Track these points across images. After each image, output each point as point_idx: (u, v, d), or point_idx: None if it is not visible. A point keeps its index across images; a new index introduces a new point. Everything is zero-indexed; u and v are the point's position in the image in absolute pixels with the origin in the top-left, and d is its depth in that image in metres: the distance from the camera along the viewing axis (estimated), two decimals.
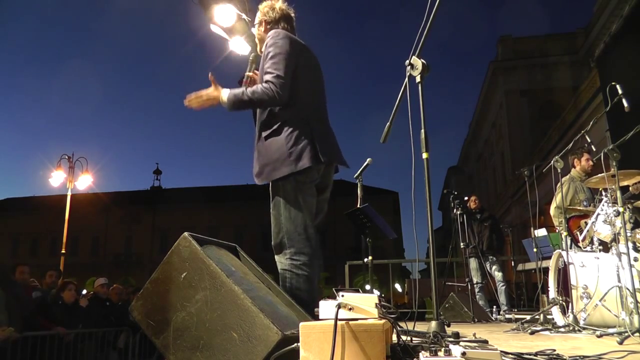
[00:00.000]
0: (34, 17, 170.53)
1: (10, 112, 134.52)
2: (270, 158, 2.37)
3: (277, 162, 2.34)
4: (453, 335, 1.75)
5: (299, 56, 2.47)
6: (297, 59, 2.45)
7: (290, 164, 2.32)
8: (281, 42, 2.41)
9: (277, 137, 2.38)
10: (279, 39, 2.42)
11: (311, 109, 2.49)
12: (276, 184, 2.39)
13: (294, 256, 2.34)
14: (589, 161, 5.04)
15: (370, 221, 3.87)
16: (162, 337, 1.80)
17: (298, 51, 2.47)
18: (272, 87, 2.31)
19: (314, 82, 2.58)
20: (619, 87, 3.63)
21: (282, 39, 2.42)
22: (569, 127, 15.54)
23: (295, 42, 2.50)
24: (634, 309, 2.61)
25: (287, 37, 2.45)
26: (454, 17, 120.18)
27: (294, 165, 2.32)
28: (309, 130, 2.39)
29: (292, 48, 2.43)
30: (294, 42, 2.48)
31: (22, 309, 4.91)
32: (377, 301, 1.54)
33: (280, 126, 2.39)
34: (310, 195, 2.43)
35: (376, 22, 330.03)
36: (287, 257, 2.35)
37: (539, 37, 24.62)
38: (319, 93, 2.62)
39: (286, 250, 2.36)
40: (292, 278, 2.33)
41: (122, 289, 7.52)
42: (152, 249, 35.66)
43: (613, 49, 7.40)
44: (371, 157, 4.14)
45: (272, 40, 2.43)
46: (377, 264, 5.68)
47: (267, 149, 2.39)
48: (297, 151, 2.33)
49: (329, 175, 2.59)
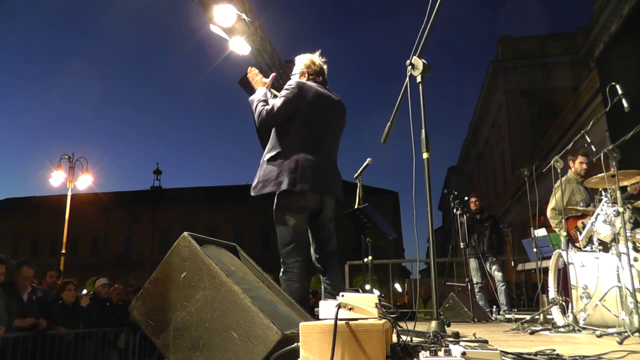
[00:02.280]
0: (34, 17, 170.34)
1: (10, 112, 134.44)
2: (262, 178, 2.88)
3: (266, 182, 2.86)
4: (453, 335, 1.75)
5: (305, 100, 2.92)
6: (303, 104, 2.91)
7: (274, 185, 2.82)
8: (291, 90, 2.93)
9: (273, 162, 2.88)
10: (291, 88, 2.94)
11: (308, 146, 2.90)
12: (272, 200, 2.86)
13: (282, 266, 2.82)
14: (582, 164, 5.06)
15: (370, 221, 3.87)
16: (162, 337, 1.80)
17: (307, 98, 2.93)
18: (264, 114, 2.90)
19: (320, 123, 2.98)
20: (618, 87, 3.62)
21: (294, 88, 2.93)
22: (569, 127, 15.54)
23: (306, 92, 2.94)
24: (634, 309, 2.61)
25: (299, 88, 2.94)
26: (454, 17, 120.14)
27: (276, 187, 2.81)
28: (296, 163, 2.83)
29: (299, 96, 2.91)
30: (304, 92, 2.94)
31: (22, 309, 4.92)
32: (377, 301, 1.54)
33: (277, 155, 2.88)
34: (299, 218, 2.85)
35: (376, 22, 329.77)
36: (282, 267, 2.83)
37: (539, 37, 24.62)
38: (324, 133, 3.01)
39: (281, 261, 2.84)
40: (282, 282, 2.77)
41: (123, 289, 7.51)
42: (152, 249, 35.64)
43: (613, 49, 7.40)
44: (371, 157, 4.16)
45: (286, 87, 2.97)
46: (377, 264, 5.68)
47: (264, 170, 2.91)
48: (281, 176, 2.81)
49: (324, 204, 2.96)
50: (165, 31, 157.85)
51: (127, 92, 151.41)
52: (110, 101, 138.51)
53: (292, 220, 2.85)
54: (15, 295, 4.98)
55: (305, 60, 3.17)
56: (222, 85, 27.08)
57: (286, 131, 2.91)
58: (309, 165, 2.85)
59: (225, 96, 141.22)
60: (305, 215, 2.89)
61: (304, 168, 2.83)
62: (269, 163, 2.90)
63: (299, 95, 2.92)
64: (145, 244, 36.64)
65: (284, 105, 2.89)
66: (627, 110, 3.56)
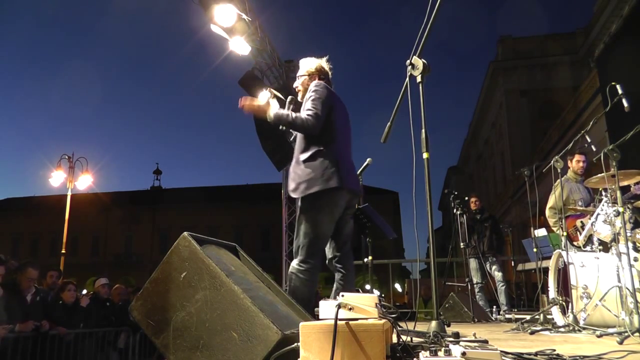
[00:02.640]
0: (34, 17, 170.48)
1: (10, 112, 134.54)
2: (305, 177, 2.86)
3: (310, 181, 2.84)
4: (453, 335, 1.75)
5: (334, 103, 3.03)
6: (333, 104, 3.01)
7: (322, 183, 2.81)
8: (321, 90, 2.99)
9: (313, 162, 2.88)
10: (320, 88, 3.00)
11: (340, 145, 3.00)
12: (306, 200, 2.86)
13: (301, 263, 2.81)
14: (579, 162, 5.07)
15: (370, 221, 3.87)
16: (162, 337, 1.80)
17: (333, 99, 3.05)
18: (310, 119, 2.85)
19: (344, 124, 3.12)
20: (618, 87, 3.62)
21: (323, 88, 3.00)
22: (569, 127, 15.55)
23: (332, 92, 3.07)
24: (634, 309, 2.61)
25: (326, 88, 3.03)
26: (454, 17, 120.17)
27: (324, 185, 2.80)
28: (336, 161, 2.89)
29: (329, 96, 3.00)
30: (331, 92, 3.07)
31: (25, 310, 4.91)
32: (377, 301, 1.54)
33: (316, 154, 2.89)
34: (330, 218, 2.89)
35: (376, 22, 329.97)
36: (297, 262, 2.84)
37: (539, 37, 24.62)
38: (346, 134, 3.14)
39: (297, 257, 2.85)
40: (295, 280, 2.79)
41: (124, 290, 7.50)
42: (152, 249, 35.63)
43: (613, 49, 7.40)
44: (371, 157, 4.15)
45: (315, 87, 3.01)
46: (377, 264, 5.68)
47: (302, 171, 2.90)
48: (327, 174, 2.83)
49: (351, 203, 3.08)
50: (165, 31, 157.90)
51: (127, 92, 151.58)
52: (110, 101, 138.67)
53: (329, 218, 2.88)
54: (19, 296, 4.98)
55: (315, 64, 3.23)
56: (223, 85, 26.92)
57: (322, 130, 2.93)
58: (346, 165, 2.95)
59: (225, 96, 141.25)
60: (338, 215, 2.96)
61: (344, 167, 2.90)
62: (308, 163, 2.90)
63: (328, 95, 2.99)
64: (145, 244, 36.64)
65: (323, 106, 2.91)
66: (627, 110, 3.56)
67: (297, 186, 2.90)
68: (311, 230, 2.83)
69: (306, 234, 2.83)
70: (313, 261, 2.82)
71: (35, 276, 5.27)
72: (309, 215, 2.85)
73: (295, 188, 2.92)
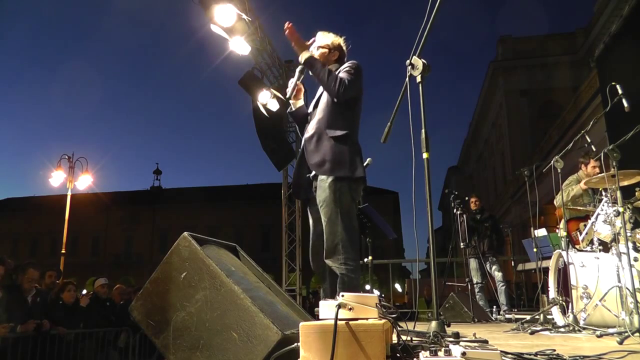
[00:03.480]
0: (34, 17, 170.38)
1: (10, 112, 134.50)
2: (333, 157, 2.63)
3: (338, 164, 2.62)
4: (453, 335, 1.75)
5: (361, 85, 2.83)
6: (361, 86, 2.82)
7: (349, 169, 2.61)
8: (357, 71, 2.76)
9: (341, 142, 2.66)
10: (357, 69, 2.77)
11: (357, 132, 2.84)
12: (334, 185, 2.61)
13: (348, 262, 2.55)
14: (595, 168, 5.01)
15: (370, 221, 3.88)
16: (162, 337, 1.80)
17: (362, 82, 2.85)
18: (343, 83, 2.65)
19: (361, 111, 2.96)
20: (618, 87, 3.62)
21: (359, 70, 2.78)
22: (569, 127, 15.54)
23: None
24: (634, 309, 2.60)
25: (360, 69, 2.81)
26: (454, 17, 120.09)
27: (351, 171, 2.61)
28: (360, 149, 2.76)
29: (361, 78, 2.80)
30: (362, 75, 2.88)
31: (26, 311, 4.91)
32: (377, 301, 1.54)
33: (346, 136, 2.69)
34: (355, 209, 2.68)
35: (376, 21, 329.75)
36: (342, 262, 2.55)
37: (539, 37, 24.62)
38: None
39: (339, 256, 2.56)
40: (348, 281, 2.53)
41: (125, 289, 7.49)
42: (152, 249, 35.63)
43: (613, 49, 7.39)
44: (371, 157, 4.14)
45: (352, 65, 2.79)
46: (377, 264, 5.69)
47: (333, 148, 2.66)
48: (356, 161, 2.65)
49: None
50: (165, 31, 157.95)
51: (127, 92, 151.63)
52: (110, 101, 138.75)
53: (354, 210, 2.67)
54: (20, 297, 4.98)
55: (336, 39, 2.98)
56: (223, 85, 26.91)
57: (351, 113, 2.77)
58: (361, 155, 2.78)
59: (225, 96, 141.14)
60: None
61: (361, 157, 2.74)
62: (338, 142, 2.66)
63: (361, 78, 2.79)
64: (145, 244, 36.64)
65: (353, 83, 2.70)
66: (627, 110, 3.56)
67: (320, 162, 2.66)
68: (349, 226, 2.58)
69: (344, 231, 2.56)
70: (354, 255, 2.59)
71: (36, 277, 5.27)
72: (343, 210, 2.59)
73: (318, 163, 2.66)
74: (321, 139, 2.71)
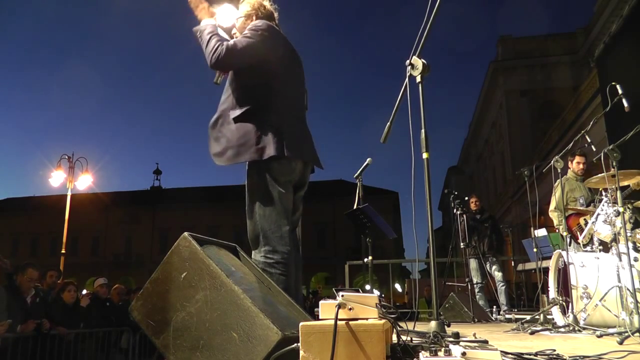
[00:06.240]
0: (34, 17, 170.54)
1: (10, 112, 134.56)
2: (235, 142, 2.32)
3: (241, 147, 2.31)
4: (453, 335, 1.75)
5: (277, 48, 2.45)
6: (277, 48, 2.45)
7: (256, 152, 2.28)
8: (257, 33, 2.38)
9: (245, 123, 2.33)
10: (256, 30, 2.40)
11: (287, 104, 2.46)
12: (248, 172, 2.38)
13: (267, 254, 2.31)
14: (579, 164, 5.10)
15: (370, 221, 3.87)
16: (162, 337, 1.80)
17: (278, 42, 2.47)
18: (225, 51, 2.28)
19: (294, 79, 2.57)
20: (618, 87, 3.62)
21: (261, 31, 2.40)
22: (569, 127, 15.55)
23: (278, 34, 2.50)
24: (634, 309, 2.61)
25: (270, 28, 2.44)
26: (454, 17, 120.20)
27: (258, 154, 2.28)
28: (279, 124, 2.35)
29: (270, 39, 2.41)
30: (277, 33, 2.49)
31: (26, 311, 4.91)
32: (377, 301, 1.54)
33: (249, 113, 2.34)
34: (285, 193, 2.38)
35: (376, 21, 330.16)
36: (262, 254, 2.32)
37: (539, 37, 24.63)
38: (297, 92, 2.59)
39: (261, 248, 2.33)
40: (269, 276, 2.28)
41: (124, 289, 7.50)
42: (152, 249, 35.63)
43: (613, 49, 7.39)
44: (371, 157, 4.14)
45: (253, 26, 2.42)
46: (377, 264, 5.69)
47: (234, 132, 2.34)
48: (263, 140, 2.29)
49: (306, 175, 2.56)
50: (166, 31, 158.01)
51: (127, 92, 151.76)
52: (110, 101, 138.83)
53: (280, 195, 2.34)
54: (20, 297, 4.98)
55: (254, 2, 2.61)
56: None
57: (257, 84, 2.40)
58: (292, 129, 2.41)
59: None
60: (291, 190, 2.43)
61: (289, 131, 2.37)
62: (240, 122, 2.34)
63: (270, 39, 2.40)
64: (145, 244, 36.63)
65: (250, 47, 2.32)
66: (627, 110, 3.56)
67: (222, 150, 2.35)
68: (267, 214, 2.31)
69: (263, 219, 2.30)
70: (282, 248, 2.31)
71: (35, 277, 5.27)
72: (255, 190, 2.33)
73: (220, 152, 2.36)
74: (222, 123, 2.39)
